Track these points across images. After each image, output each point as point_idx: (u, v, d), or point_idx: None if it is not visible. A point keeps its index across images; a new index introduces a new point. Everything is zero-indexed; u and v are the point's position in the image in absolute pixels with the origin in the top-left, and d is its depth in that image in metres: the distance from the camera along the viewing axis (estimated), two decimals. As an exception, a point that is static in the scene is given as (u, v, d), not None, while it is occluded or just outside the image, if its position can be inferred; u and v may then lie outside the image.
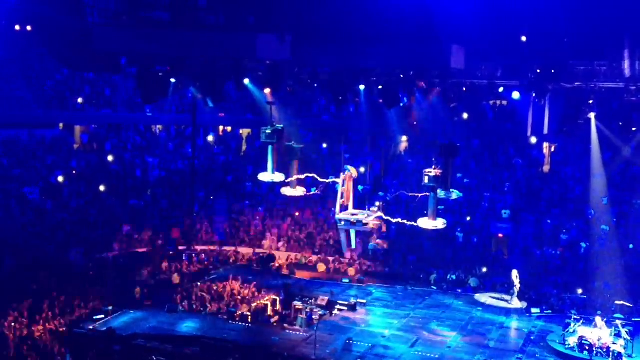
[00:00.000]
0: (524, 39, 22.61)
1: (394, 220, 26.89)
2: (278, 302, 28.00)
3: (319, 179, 27.58)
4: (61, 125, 42.81)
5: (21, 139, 40.21)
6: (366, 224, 30.08)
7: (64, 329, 24.40)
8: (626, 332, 23.56)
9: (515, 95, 28.49)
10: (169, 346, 23.07)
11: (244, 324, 26.12)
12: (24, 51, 39.40)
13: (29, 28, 23.25)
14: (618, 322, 24.07)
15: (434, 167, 24.70)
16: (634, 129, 32.95)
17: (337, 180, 28.03)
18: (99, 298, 27.12)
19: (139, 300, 27.83)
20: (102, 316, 25.97)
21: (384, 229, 32.92)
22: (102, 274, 29.76)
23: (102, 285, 28.15)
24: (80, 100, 41.26)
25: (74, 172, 38.03)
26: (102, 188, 37.18)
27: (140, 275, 30.08)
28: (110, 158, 40.63)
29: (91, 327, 24.89)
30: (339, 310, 28.05)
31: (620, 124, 33.07)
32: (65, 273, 28.97)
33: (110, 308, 26.50)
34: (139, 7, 20.67)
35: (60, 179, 36.66)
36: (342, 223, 30.17)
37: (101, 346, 22.53)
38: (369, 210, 30.78)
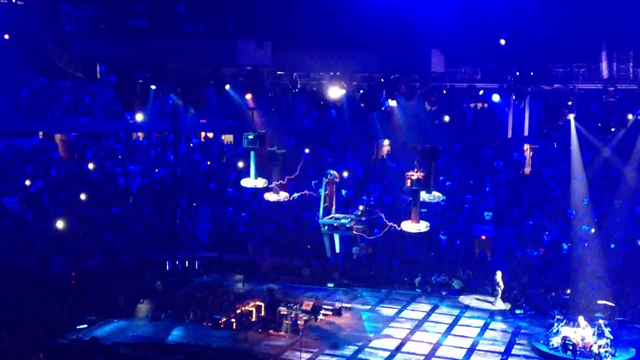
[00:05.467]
0: (502, 42, 22.73)
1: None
2: (263, 308, 27.92)
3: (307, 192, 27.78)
4: (40, 134, 42.43)
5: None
6: (350, 228, 30.20)
7: (47, 339, 24.13)
8: (609, 331, 23.75)
9: (495, 97, 28.62)
10: (154, 355, 22.90)
11: (228, 330, 26.00)
12: (0, 60, 39.04)
13: (6, 37, 22.98)
14: (601, 321, 24.26)
15: (416, 170, 24.80)
16: (612, 129, 33.26)
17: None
18: (82, 307, 26.89)
19: (122, 309, 27.61)
20: (85, 326, 25.77)
21: (367, 232, 32.99)
22: (85, 283, 29.50)
23: (84, 295, 27.91)
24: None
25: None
26: (82, 197, 36.87)
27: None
28: (90, 166, 40.33)
29: (74, 337, 24.67)
30: (324, 314, 28.02)
31: (599, 124, 33.36)
32: (46, 283, 28.70)
33: (94, 317, 26.30)
34: (117, 15, 20.52)
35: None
36: (326, 227, 30.26)
37: (85, 356, 22.32)
38: (352, 214, 30.87)
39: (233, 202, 38.96)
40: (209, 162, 42.47)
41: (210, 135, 44.97)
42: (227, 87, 24.54)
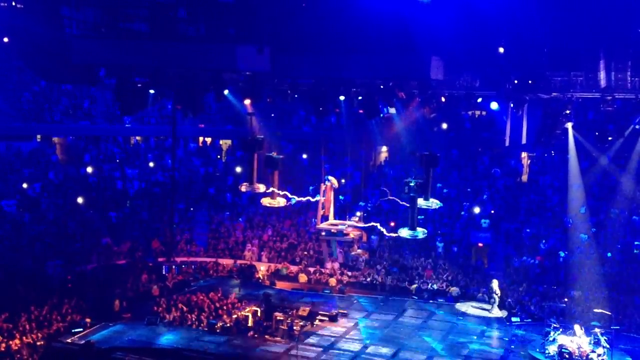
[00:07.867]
0: (501, 50, 22.87)
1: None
2: (259, 313, 27.90)
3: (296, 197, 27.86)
4: (39, 137, 42.40)
5: (-2, 151, 39.82)
6: (347, 234, 30.22)
7: (42, 342, 24.09)
8: (605, 340, 23.76)
9: (494, 105, 28.78)
10: (149, 359, 22.85)
11: (224, 335, 25.97)
12: (1, 63, 39.02)
13: (5, 40, 23.02)
14: (597, 330, 24.28)
15: (414, 177, 24.81)
16: (610, 138, 33.39)
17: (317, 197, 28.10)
18: (78, 311, 26.84)
19: (118, 313, 27.56)
20: (81, 329, 25.69)
21: (364, 239, 33.04)
22: (81, 287, 29.44)
23: (80, 298, 27.84)
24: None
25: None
26: (80, 200, 36.84)
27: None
28: (89, 170, 40.31)
29: (69, 340, 24.62)
30: (320, 320, 27.99)
31: (597, 133, 33.52)
32: (43, 286, 28.64)
33: (89, 321, 26.25)
34: (118, 19, 20.63)
35: None
36: (323, 233, 30.32)
37: (80, 360, 22.29)
38: (349, 220, 30.93)
39: (230, 207, 38.94)
40: (206, 167, 42.46)
41: (209, 140, 44.97)
42: (226, 92, 24.67)
